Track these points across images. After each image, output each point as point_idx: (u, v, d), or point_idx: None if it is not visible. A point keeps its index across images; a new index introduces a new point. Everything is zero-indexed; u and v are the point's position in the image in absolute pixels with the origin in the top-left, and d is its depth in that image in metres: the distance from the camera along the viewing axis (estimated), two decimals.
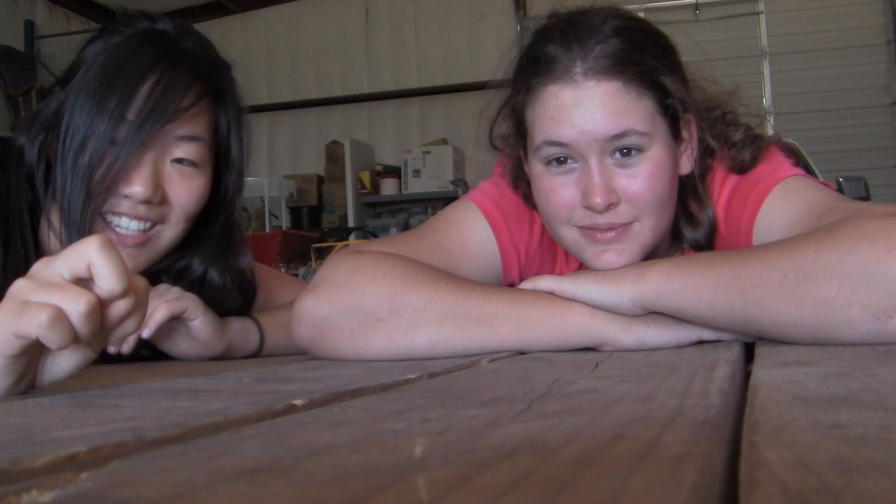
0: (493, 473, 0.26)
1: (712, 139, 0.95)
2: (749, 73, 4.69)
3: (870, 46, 4.73)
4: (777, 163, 0.95)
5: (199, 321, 0.99)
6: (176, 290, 0.99)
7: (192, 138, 1.00)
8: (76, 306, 0.54)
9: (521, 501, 0.22)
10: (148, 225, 0.99)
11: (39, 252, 1.00)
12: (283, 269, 3.77)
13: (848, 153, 4.58)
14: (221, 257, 1.09)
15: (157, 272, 1.05)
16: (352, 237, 4.40)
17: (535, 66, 0.90)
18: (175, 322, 0.98)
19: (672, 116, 0.90)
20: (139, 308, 0.59)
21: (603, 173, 0.87)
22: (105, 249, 0.56)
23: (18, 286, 0.56)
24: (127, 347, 0.91)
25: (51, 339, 0.54)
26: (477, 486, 0.24)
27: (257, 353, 1.09)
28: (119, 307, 0.58)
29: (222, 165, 1.07)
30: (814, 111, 4.76)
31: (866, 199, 2.89)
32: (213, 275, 1.08)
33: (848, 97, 4.72)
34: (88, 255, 0.55)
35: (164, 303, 0.96)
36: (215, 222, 1.08)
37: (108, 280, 0.56)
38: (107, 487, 0.26)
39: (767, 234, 0.88)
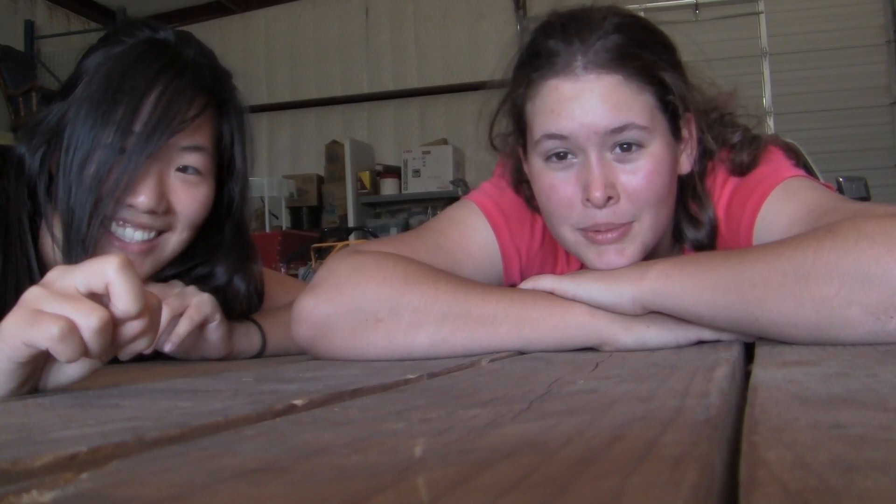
0: (493, 473, 0.26)
1: (710, 140, 0.96)
2: (749, 73, 4.69)
3: (870, 46, 4.73)
4: (778, 164, 0.95)
5: (214, 325, 1.00)
6: (192, 290, 0.99)
7: (196, 148, 1.00)
8: (88, 321, 0.54)
9: (521, 501, 0.22)
10: (152, 234, 0.99)
11: (41, 262, 1.00)
12: (283, 270, 3.77)
13: (848, 153, 4.58)
14: (245, 266, 1.10)
15: (175, 279, 1.05)
16: (352, 237, 4.40)
17: (535, 61, 0.90)
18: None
19: (672, 114, 0.90)
20: (152, 328, 0.60)
21: (602, 167, 0.87)
22: (125, 270, 0.56)
23: (32, 294, 0.56)
24: (150, 349, 0.91)
25: (60, 351, 0.54)
26: (477, 486, 0.24)
27: (259, 356, 1.09)
28: (132, 327, 0.58)
29: (226, 174, 1.07)
30: (814, 111, 4.76)
31: (866, 199, 2.89)
32: (239, 283, 1.09)
33: (848, 97, 4.72)
34: (107, 273, 0.56)
35: (187, 317, 0.96)
36: (223, 231, 1.08)
37: (124, 300, 0.56)
38: (107, 487, 0.26)
39: (768, 234, 0.88)
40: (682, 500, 0.22)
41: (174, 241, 1.01)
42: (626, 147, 0.87)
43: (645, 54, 0.88)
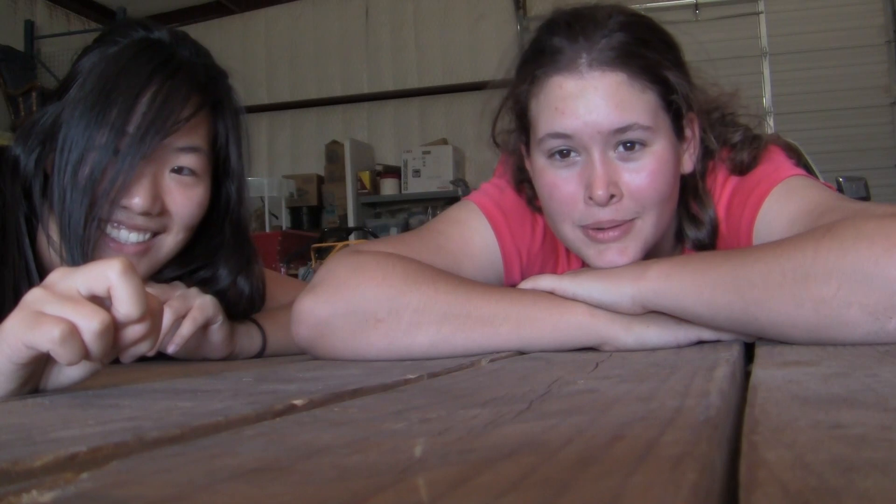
0: (493, 473, 0.26)
1: (712, 140, 0.96)
2: (749, 73, 4.69)
3: (870, 46, 4.73)
4: (778, 163, 0.95)
5: (217, 327, 1.00)
6: (194, 292, 0.99)
7: (191, 149, 0.99)
8: (90, 324, 0.54)
9: (521, 501, 0.22)
10: (147, 236, 0.99)
11: (38, 263, 1.00)
12: (283, 270, 3.77)
13: (848, 153, 4.58)
14: (247, 267, 1.09)
15: (176, 280, 1.05)
16: (352, 237, 4.40)
17: (540, 58, 0.90)
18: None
19: (675, 113, 0.90)
20: (154, 332, 0.60)
21: (606, 166, 0.87)
22: (127, 274, 0.56)
23: (34, 295, 0.56)
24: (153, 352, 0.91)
25: (61, 354, 0.54)
26: (477, 486, 0.24)
27: (260, 356, 1.09)
28: (134, 330, 0.58)
29: (221, 174, 1.07)
30: (814, 111, 4.76)
31: (866, 199, 2.89)
32: (243, 285, 1.08)
33: (848, 97, 4.72)
34: (110, 277, 0.56)
35: (190, 318, 0.95)
36: (221, 232, 1.08)
37: (126, 305, 0.56)
38: (107, 487, 0.26)
39: (768, 234, 0.88)
40: (682, 500, 0.22)
41: (170, 242, 1.01)
42: (630, 146, 0.87)
43: (649, 53, 0.88)
